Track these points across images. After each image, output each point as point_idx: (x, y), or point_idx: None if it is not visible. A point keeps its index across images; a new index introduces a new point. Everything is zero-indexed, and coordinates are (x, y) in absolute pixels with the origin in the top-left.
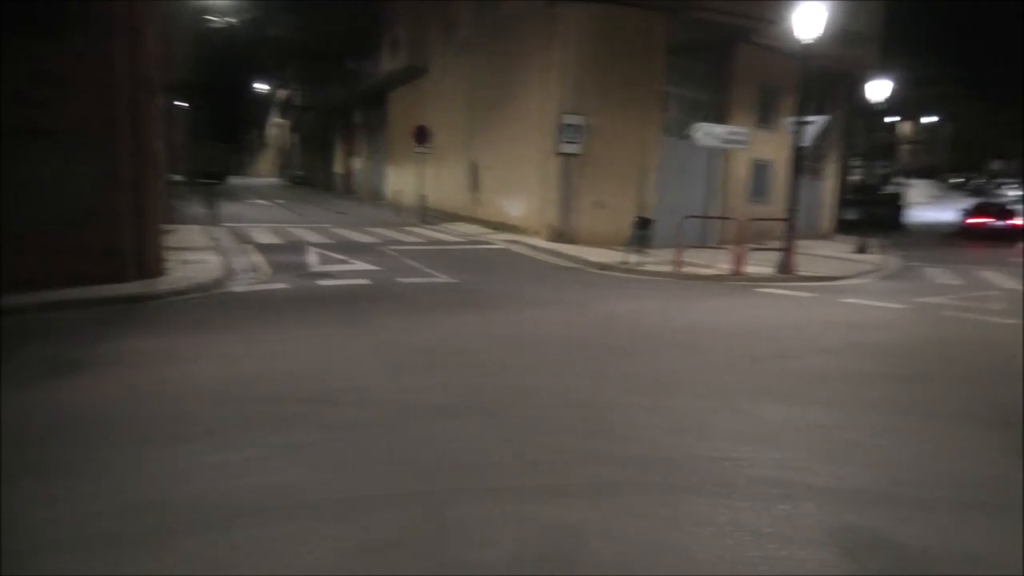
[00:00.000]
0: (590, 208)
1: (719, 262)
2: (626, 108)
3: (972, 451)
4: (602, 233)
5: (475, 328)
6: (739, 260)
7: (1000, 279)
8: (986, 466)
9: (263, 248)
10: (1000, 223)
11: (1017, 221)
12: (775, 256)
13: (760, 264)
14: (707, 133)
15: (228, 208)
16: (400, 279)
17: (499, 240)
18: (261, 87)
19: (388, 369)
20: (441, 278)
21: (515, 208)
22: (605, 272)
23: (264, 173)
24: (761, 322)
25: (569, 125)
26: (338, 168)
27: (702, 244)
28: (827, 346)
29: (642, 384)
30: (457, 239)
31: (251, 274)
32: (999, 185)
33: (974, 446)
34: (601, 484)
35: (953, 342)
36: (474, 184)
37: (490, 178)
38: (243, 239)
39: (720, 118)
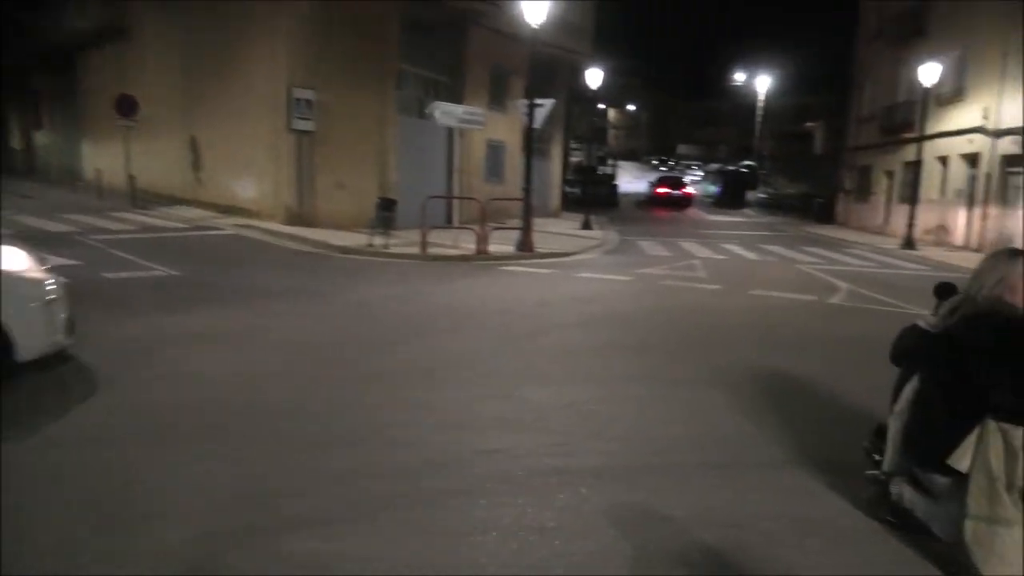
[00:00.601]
0: (329, 189)
1: (463, 242)
2: (361, 85)
3: (704, 414)
4: (344, 215)
5: (203, 329)
6: (483, 239)
7: (697, 249)
8: (720, 427)
9: None
10: (676, 192)
11: (688, 190)
12: (514, 235)
13: (501, 243)
14: (445, 112)
15: None
16: (107, 274)
17: (229, 225)
18: None
19: None
20: (160, 271)
21: (246, 189)
22: (350, 256)
23: None
24: (510, 301)
25: (300, 100)
26: (16, 143)
27: (446, 224)
28: (572, 321)
29: (406, 379)
30: (178, 225)
31: None
32: (688, 166)
33: (705, 408)
34: (369, 502)
35: (673, 310)
36: (196, 162)
37: (214, 156)
38: None
39: (455, 98)
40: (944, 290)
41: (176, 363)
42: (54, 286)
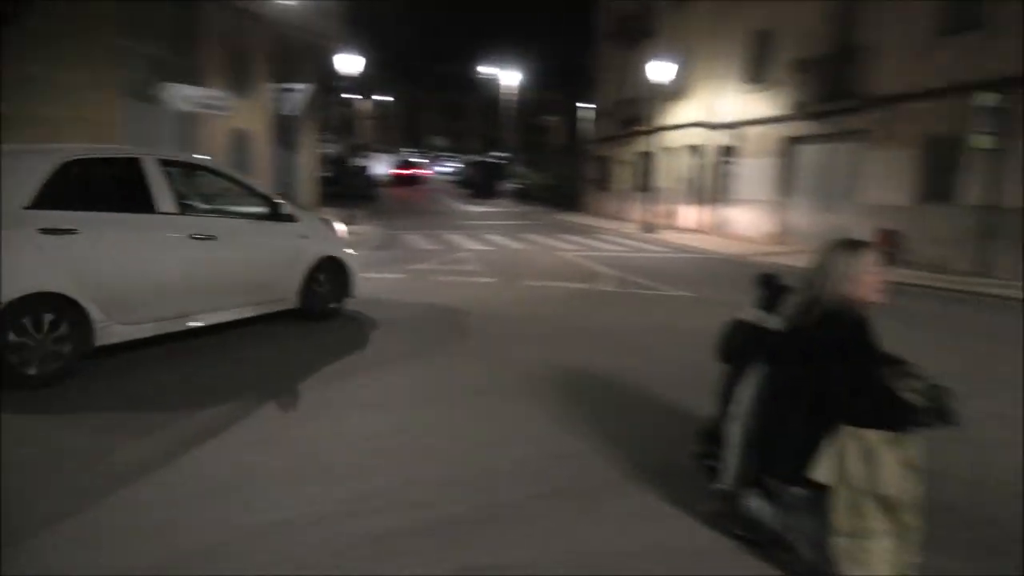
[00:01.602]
0: None
1: None
2: (75, 60)
3: (519, 431)
4: None
5: None
6: None
7: (463, 241)
8: (541, 446)
9: None
10: (410, 172)
11: (422, 171)
12: None
13: None
14: (180, 95)
15: None
16: None
17: None
18: None
19: None
20: None
21: None
22: None
23: None
24: None
25: None
26: None
27: None
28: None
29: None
30: None
31: None
32: (445, 157)
33: (517, 424)
34: None
35: (451, 307)
36: None
37: None
38: None
39: (190, 80)
40: (768, 281)
41: None
42: None
